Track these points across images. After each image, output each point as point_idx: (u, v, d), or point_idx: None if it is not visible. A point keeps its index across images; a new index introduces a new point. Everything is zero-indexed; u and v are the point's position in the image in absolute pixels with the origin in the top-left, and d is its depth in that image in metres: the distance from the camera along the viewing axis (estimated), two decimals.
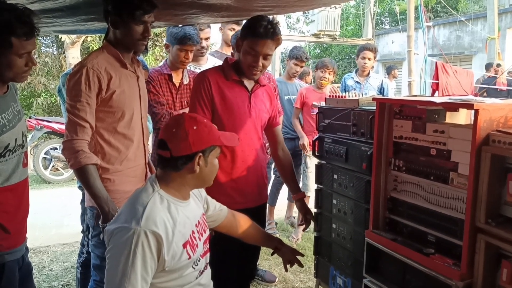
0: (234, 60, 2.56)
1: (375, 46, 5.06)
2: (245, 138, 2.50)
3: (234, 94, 2.47)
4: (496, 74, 8.21)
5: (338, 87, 4.99)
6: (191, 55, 3.25)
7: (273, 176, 4.81)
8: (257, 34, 2.33)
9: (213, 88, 2.42)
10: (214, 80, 2.44)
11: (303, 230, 3.08)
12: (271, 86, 3.80)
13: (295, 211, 5.14)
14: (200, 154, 1.68)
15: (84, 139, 2.15)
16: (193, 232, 1.76)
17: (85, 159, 2.11)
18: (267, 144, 3.72)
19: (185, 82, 3.33)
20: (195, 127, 1.67)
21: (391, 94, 5.61)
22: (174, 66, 3.27)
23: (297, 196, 2.79)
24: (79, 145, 2.12)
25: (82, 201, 3.03)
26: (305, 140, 4.49)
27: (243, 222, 2.20)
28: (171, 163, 1.69)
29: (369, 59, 4.84)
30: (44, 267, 4.04)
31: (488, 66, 9.25)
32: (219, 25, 4.09)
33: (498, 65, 8.64)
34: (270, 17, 2.44)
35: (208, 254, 1.91)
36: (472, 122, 1.73)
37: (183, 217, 1.71)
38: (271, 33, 2.35)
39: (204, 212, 1.96)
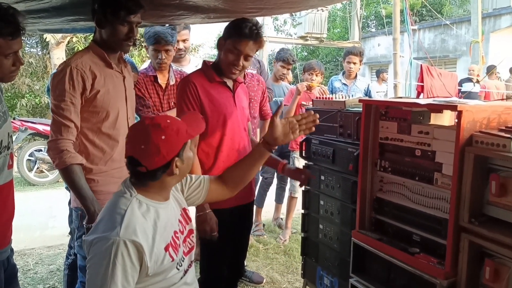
0: (212, 62, 2.58)
1: (360, 50, 5.07)
2: (235, 137, 2.53)
3: (220, 95, 2.49)
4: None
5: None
6: (168, 55, 3.24)
7: (260, 178, 4.82)
8: (242, 34, 2.37)
9: (200, 91, 2.43)
10: (199, 83, 2.45)
11: (302, 184, 2.79)
12: (256, 84, 3.78)
13: (283, 213, 5.15)
14: (176, 158, 1.63)
15: (69, 139, 2.13)
16: (175, 232, 1.73)
17: (70, 159, 2.09)
18: None
19: (172, 82, 3.32)
20: (163, 137, 1.59)
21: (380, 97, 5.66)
22: (155, 67, 3.27)
23: (281, 164, 2.69)
24: (64, 144, 2.11)
25: (70, 203, 3.01)
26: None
27: (226, 175, 2.05)
28: (149, 176, 1.64)
29: (354, 63, 4.87)
30: (29, 270, 3.99)
31: (489, 69, 9.67)
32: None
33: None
34: (254, 20, 2.47)
35: (193, 252, 1.88)
36: (456, 124, 1.76)
37: (164, 219, 1.68)
38: (255, 35, 2.39)
39: (186, 207, 1.93)
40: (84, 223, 2.16)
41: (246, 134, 2.65)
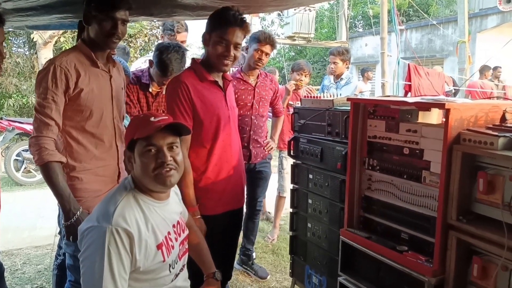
0: (201, 60, 2.51)
1: (339, 50, 4.91)
2: (227, 138, 2.49)
3: (212, 95, 2.42)
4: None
5: (317, 89, 4.99)
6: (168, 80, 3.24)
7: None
8: (226, 23, 2.31)
9: (192, 92, 2.34)
10: (190, 84, 2.36)
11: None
12: (269, 83, 3.68)
13: (270, 210, 5.15)
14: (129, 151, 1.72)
15: (49, 137, 2.11)
16: (169, 233, 1.74)
17: (48, 156, 2.08)
18: (264, 141, 3.65)
19: (164, 91, 3.31)
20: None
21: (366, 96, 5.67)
22: (153, 79, 3.25)
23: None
24: (43, 142, 2.10)
25: None
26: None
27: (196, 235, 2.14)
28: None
29: (334, 63, 4.83)
30: (17, 270, 3.95)
31: (483, 70, 9.85)
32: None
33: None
34: (235, 7, 2.39)
35: (186, 255, 1.90)
36: (444, 122, 1.78)
37: (158, 218, 1.70)
38: (240, 21, 2.33)
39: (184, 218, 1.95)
40: (62, 221, 2.15)
41: (237, 136, 2.62)
